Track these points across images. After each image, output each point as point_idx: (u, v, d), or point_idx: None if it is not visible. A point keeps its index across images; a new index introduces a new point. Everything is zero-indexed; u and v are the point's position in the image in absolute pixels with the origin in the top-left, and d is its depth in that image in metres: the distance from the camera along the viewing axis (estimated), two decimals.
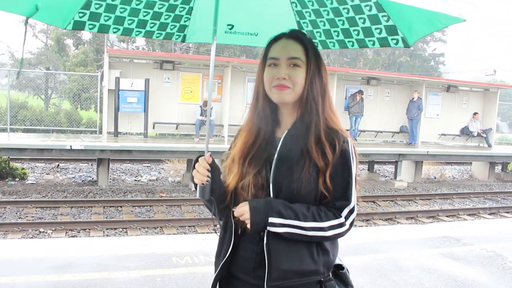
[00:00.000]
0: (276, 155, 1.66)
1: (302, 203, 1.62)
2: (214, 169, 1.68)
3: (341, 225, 1.63)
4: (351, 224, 1.67)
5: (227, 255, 1.71)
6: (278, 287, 1.62)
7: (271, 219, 1.57)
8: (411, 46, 1.97)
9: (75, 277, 4.17)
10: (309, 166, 1.62)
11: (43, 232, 8.24)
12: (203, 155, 1.69)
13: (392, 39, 1.98)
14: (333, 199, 1.65)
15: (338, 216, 1.63)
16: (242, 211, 1.60)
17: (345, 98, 17.00)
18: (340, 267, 1.75)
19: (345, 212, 1.64)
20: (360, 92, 16.03)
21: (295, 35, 1.72)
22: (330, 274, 1.71)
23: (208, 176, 1.66)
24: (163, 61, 14.77)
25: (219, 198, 1.72)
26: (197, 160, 1.68)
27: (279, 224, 1.58)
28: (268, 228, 1.58)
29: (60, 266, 4.41)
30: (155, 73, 14.79)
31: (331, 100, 1.74)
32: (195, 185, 1.70)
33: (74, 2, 2.01)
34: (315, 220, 1.59)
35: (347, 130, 14.48)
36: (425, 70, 41.91)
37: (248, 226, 1.59)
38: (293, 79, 1.66)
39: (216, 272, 1.74)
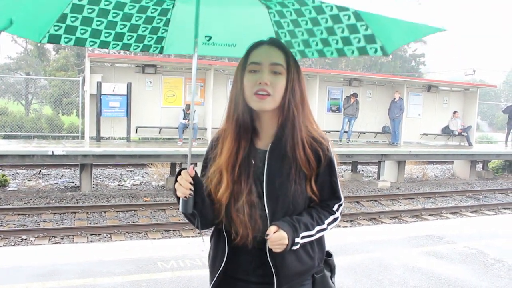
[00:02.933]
0: (265, 172, 1.70)
1: (298, 211, 1.72)
2: (197, 183, 1.67)
3: (335, 219, 1.81)
4: (341, 213, 1.85)
5: (223, 263, 1.77)
6: None
7: (297, 240, 1.66)
8: (389, 54, 2.00)
9: (59, 284, 4.12)
10: (299, 177, 1.70)
11: (25, 239, 8.13)
12: (186, 168, 1.67)
13: (370, 48, 1.99)
14: (325, 199, 1.79)
15: (332, 212, 1.80)
16: (280, 237, 1.62)
17: (328, 100, 17.23)
18: (328, 254, 1.90)
19: (336, 207, 1.81)
20: (354, 94, 16.31)
21: (276, 43, 1.75)
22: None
23: (190, 189, 1.64)
24: (145, 65, 14.69)
25: (202, 211, 1.71)
26: (179, 173, 1.67)
27: (300, 239, 1.68)
28: (294, 247, 1.67)
29: (44, 273, 4.36)
30: (137, 77, 14.70)
31: (309, 107, 1.79)
32: (178, 198, 1.69)
33: (49, 16, 1.97)
34: (318, 224, 1.74)
35: (338, 131, 14.71)
36: (406, 70, 42.28)
37: (279, 250, 1.64)
38: (274, 86, 1.67)
39: (214, 279, 1.80)
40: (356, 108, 16.16)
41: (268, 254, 1.68)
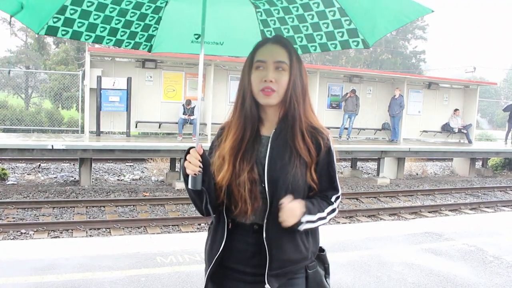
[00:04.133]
0: (267, 155, 1.78)
1: (297, 195, 1.77)
2: (204, 160, 1.76)
3: (334, 210, 1.87)
4: (338, 206, 1.92)
5: (221, 249, 1.82)
6: (277, 275, 1.77)
7: (302, 219, 1.73)
8: (370, 46, 2.06)
9: (58, 278, 4.13)
10: (299, 162, 1.77)
11: (24, 233, 8.13)
12: (194, 147, 1.76)
13: (353, 41, 2.06)
14: (323, 189, 1.86)
15: (330, 203, 1.86)
16: (294, 207, 1.69)
17: (328, 96, 17.27)
18: (320, 249, 1.96)
19: (334, 198, 1.87)
20: (353, 91, 16.26)
21: (280, 41, 1.84)
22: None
23: (200, 167, 1.72)
24: (145, 60, 14.63)
25: (209, 189, 1.79)
26: (188, 152, 1.75)
27: (305, 222, 1.74)
28: (299, 227, 1.73)
29: (43, 267, 4.37)
30: (137, 72, 14.69)
31: (310, 100, 1.89)
32: (186, 176, 1.76)
33: (51, 6, 1.99)
34: (319, 212, 1.80)
35: (338, 127, 14.73)
36: (406, 67, 42.29)
37: (290, 223, 1.69)
38: (279, 82, 1.78)
39: (210, 266, 1.84)
40: (356, 104, 16.12)
41: (264, 234, 1.75)
